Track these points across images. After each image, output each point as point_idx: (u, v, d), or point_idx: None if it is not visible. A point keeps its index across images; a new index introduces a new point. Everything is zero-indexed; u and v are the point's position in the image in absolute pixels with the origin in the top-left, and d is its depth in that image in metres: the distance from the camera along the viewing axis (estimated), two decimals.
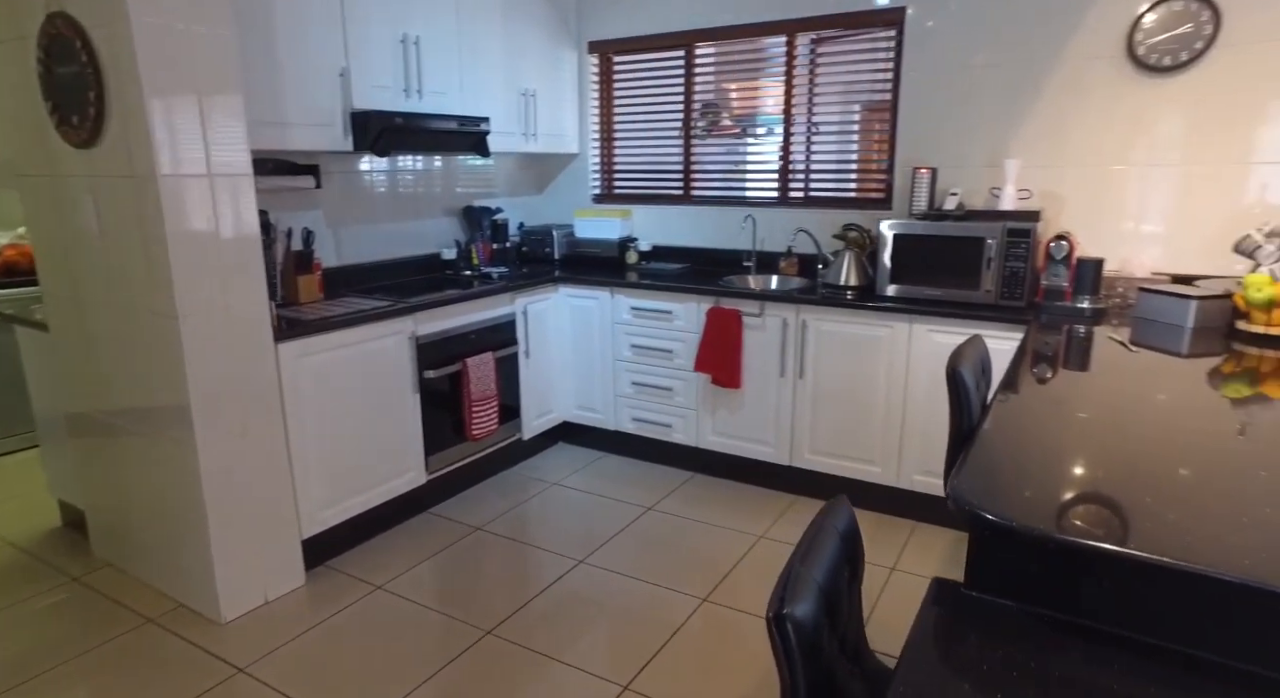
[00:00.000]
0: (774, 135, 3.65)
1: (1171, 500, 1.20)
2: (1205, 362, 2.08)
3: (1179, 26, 2.72)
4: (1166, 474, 1.31)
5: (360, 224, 3.35)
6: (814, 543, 1.08)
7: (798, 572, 0.99)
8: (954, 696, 0.93)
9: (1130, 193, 2.89)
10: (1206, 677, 0.98)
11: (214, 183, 2.22)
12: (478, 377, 3.17)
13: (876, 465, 3.06)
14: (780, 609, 0.92)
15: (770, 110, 3.66)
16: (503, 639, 2.30)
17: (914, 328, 2.87)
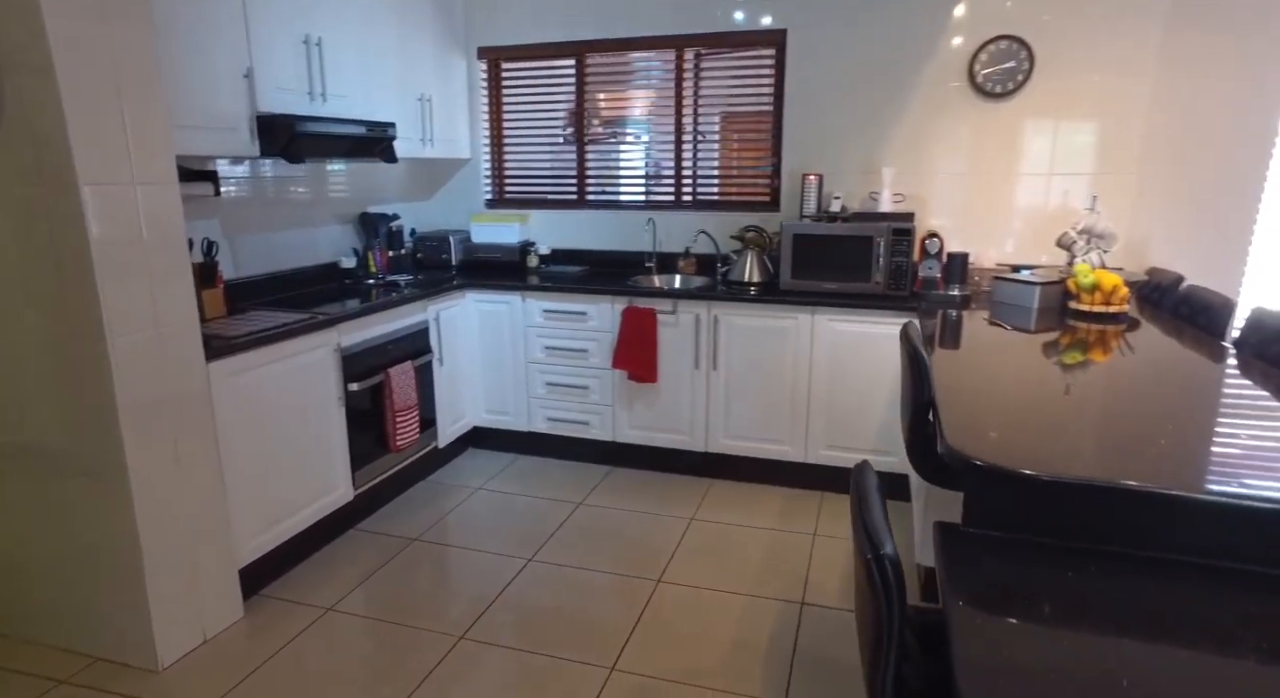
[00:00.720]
0: (663, 142, 3.88)
1: (1094, 437, 1.54)
2: (1050, 335, 2.55)
3: (1006, 62, 3.26)
4: (1076, 417, 1.66)
5: (257, 233, 3.16)
6: (865, 497, 1.29)
7: (872, 520, 1.19)
8: (998, 599, 1.17)
9: (978, 196, 3.42)
10: (1152, 568, 1.30)
11: (138, 191, 2.05)
12: (400, 386, 3.11)
13: (786, 445, 3.38)
14: (879, 551, 1.11)
15: (656, 118, 3.87)
16: (478, 642, 2.33)
17: (815, 318, 3.21)
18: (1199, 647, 1.07)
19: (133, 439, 2.07)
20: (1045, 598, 1.19)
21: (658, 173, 3.94)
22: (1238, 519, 1.30)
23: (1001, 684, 0.98)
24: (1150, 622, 1.13)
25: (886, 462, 3.25)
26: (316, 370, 2.74)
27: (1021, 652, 1.05)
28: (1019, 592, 1.22)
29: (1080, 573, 1.26)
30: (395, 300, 3.14)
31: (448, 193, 4.26)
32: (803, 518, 3.15)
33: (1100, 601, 1.19)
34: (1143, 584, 1.23)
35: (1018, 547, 1.37)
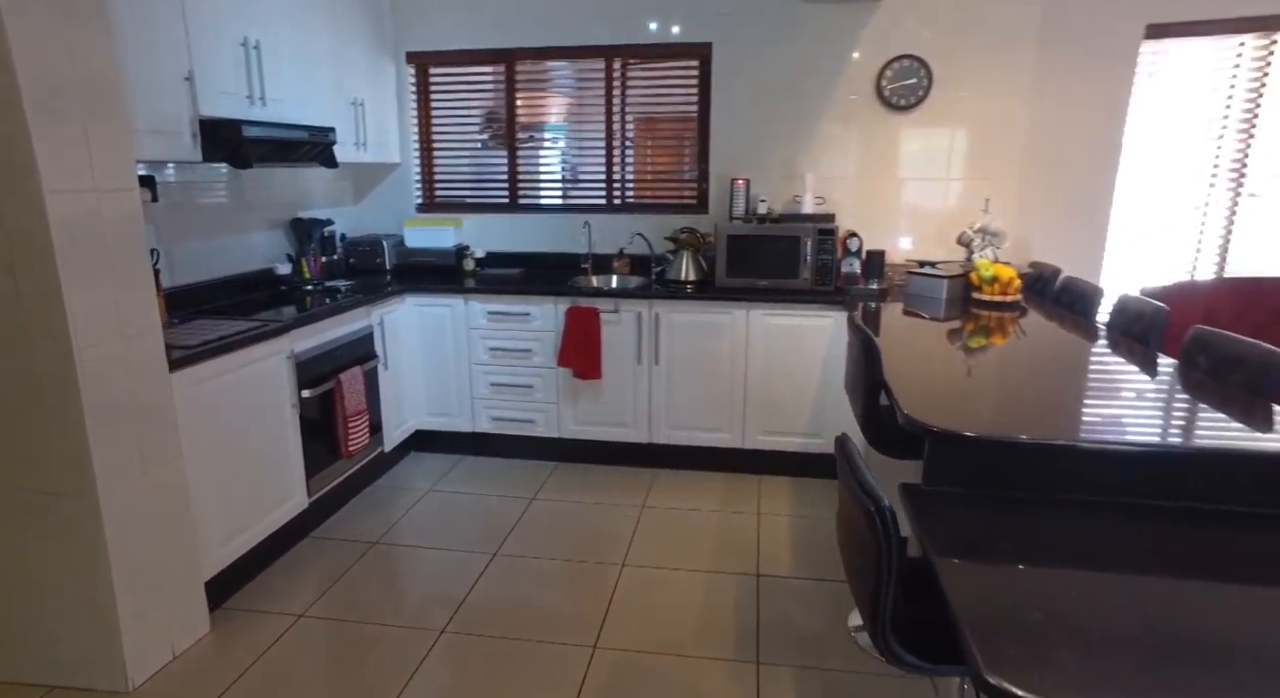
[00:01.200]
0: (593, 147, 4.02)
1: (1019, 403, 1.83)
2: (961, 322, 2.90)
3: (908, 78, 3.62)
4: (1000, 389, 1.95)
5: (190, 241, 3.06)
6: (853, 461, 1.49)
7: (866, 479, 1.40)
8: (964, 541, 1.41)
9: (887, 199, 3.78)
10: (1082, 508, 1.58)
11: (101, 197, 2.00)
12: (350, 392, 3.10)
13: (725, 432, 3.60)
14: (880, 503, 1.31)
15: (587, 124, 4.01)
16: (461, 634, 2.40)
17: (750, 313, 3.45)
18: (1127, 568, 1.34)
19: (101, 454, 2.01)
20: (1003, 538, 1.44)
21: (584, 178, 4.08)
22: (1136, 462, 1.61)
23: (982, 606, 1.21)
24: (1087, 551, 1.40)
25: (816, 444, 3.54)
26: (270, 378, 2.72)
27: (992, 579, 1.29)
28: (980, 534, 1.46)
29: (1026, 516, 1.52)
30: (344, 305, 3.13)
31: (376, 198, 4.23)
32: (745, 500, 3.38)
33: (1046, 536, 1.45)
34: (1075, 522, 1.50)
35: (972, 499, 1.62)
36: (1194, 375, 2.13)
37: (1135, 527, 1.48)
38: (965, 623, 1.16)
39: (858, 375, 2.16)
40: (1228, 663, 1.07)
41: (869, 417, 2.10)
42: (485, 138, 4.15)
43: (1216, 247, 3.84)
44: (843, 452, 1.56)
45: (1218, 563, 1.35)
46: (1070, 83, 3.60)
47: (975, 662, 1.08)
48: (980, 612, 1.19)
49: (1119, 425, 1.72)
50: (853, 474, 1.45)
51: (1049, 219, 3.78)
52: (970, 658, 1.10)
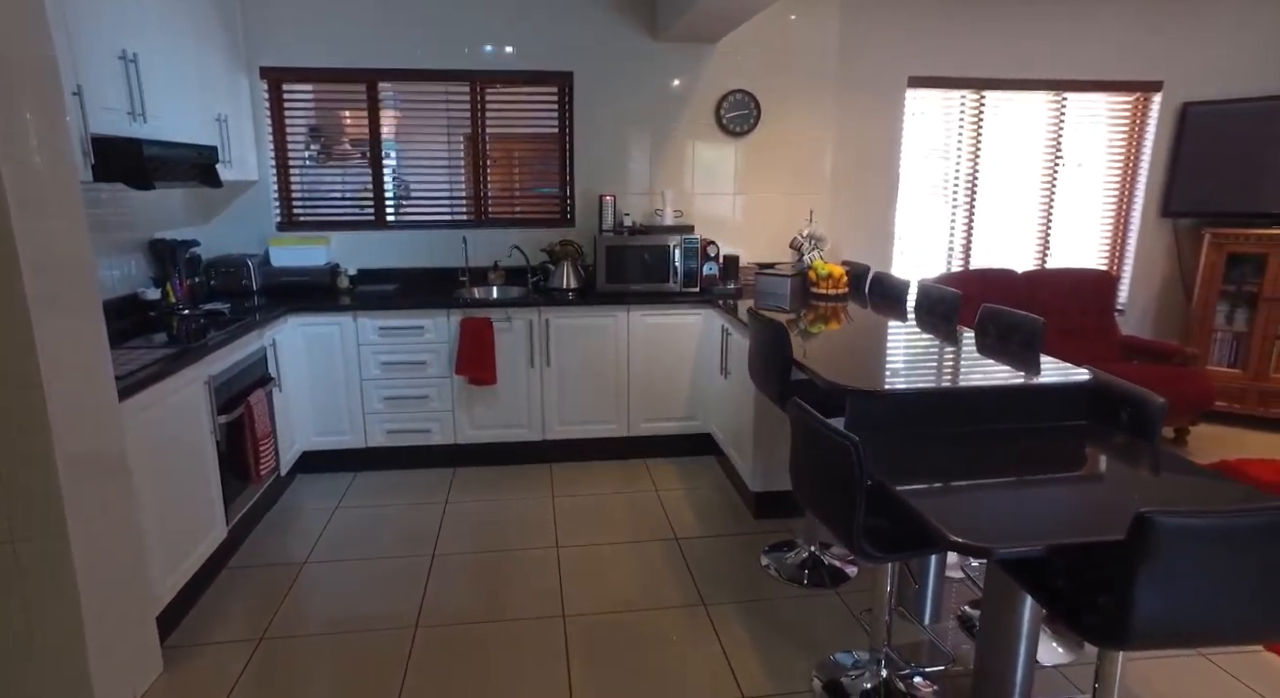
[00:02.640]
0: (456, 165, 4.20)
1: (895, 366, 2.45)
2: (810, 312, 3.58)
3: (741, 109, 4.28)
4: (873, 358, 2.57)
5: None
6: (815, 417, 1.98)
7: (831, 425, 1.89)
8: (895, 463, 1.96)
9: (730, 211, 4.41)
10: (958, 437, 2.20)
11: (53, 222, 1.92)
12: (259, 414, 3.05)
13: (613, 423, 3.99)
14: (854, 440, 1.80)
15: (450, 143, 4.19)
16: (437, 626, 2.56)
17: (630, 315, 3.88)
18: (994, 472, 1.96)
19: (72, 495, 1.93)
20: (915, 461, 2.02)
21: (453, 194, 4.25)
22: (976, 400, 2.28)
23: (930, 505, 1.75)
24: (963, 464, 2.01)
25: (692, 426, 4.06)
26: (191, 405, 2.64)
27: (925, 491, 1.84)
28: (902, 461, 2.02)
29: (919, 446, 2.12)
30: (245, 326, 3.06)
31: (231, 217, 4.04)
32: (640, 481, 3.80)
33: (940, 457, 2.04)
34: (946, 445, 2.12)
35: (882, 439, 2.19)
36: (987, 340, 2.93)
37: (981, 445, 2.13)
38: (929, 515, 1.69)
39: (768, 358, 2.68)
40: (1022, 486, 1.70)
41: (783, 389, 2.63)
42: (314, 152, 4.13)
43: (961, 246, 4.97)
44: (802, 411, 2.04)
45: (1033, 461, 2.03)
46: (860, 117, 4.49)
47: (940, 532, 1.61)
48: (932, 507, 1.73)
49: (959, 376, 2.40)
50: (820, 425, 1.93)
51: (851, 226, 4.65)
52: (938, 532, 1.63)
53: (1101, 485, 1.85)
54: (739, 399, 3.44)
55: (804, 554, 2.98)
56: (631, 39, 4.13)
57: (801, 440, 2.08)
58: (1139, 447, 2.07)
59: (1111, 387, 2.25)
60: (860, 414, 2.24)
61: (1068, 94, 4.65)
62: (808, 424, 2.01)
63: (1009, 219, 4.90)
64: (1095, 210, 4.91)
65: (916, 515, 1.69)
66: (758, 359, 2.81)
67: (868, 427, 2.23)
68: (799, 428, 2.08)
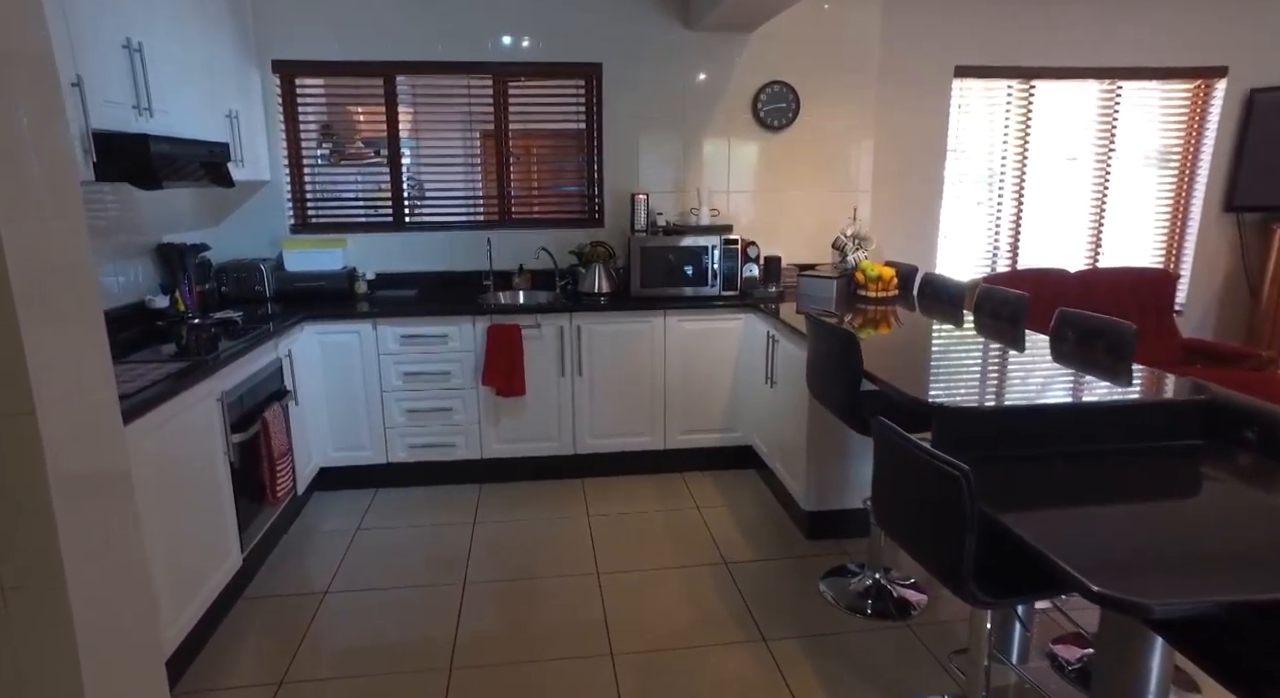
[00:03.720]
0: (478, 163, 3.98)
1: (979, 378, 2.21)
2: (861, 316, 3.33)
3: (779, 102, 4.04)
4: (950, 368, 2.33)
5: None
6: (909, 440, 1.74)
7: (936, 452, 1.65)
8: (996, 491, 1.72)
9: (767, 209, 4.16)
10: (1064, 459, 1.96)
11: (50, 226, 1.69)
12: (276, 431, 2.82)
13: (647, 435, 3.76)
14: (965, 470, 1.56)
15: (472, 140, 3.97)
16: (474, 668, 2.33)
17: (667, 320, 3.64)
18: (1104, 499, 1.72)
19: (68, 532, 1.70)
20: (1024, 488, 1.77)
21: (475, 194, 4.02)
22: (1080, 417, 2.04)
23: (1054, 542, 1.51)
24: (1072, 489, 1.76)
25: (732, 437, 3.82)
26: (202, 425, 2.41)
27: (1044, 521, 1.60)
28: (1009, 488, 1.78)
29: (1023, 469, 1.87)
30: (259, 337, 2.84)
31: (241, 219, 3.82)
32: (679, 497, 3.56)
33: (1047, 482, 1.80)
34: (1053, 469, 1.88)
35: (978, 461, 1.95)
36: (1065, 347, 2.68)
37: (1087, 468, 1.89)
38: (1061, 559, 1.44)
39: (834, 369, 2.44)
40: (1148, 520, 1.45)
41: (852, 403, 2.38)
42: (328, 150, 3.91)
43: (1008, 245, 4.72)
44: (893, 433, 1.80)
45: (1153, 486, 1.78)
46: (904, 110, 4.24)
47: (1079, 580, 1.36)
48: (1057, 546, 1.48)
49: (1051, 390, 2.15)
50: (920, 451, 1.69)
51: (894, 224, 4.40)
52: (1074, 579, 1.38)
53: (1260, 521, 1.60)
54: (788, 411, 3.20)
55: (867, 582, 2.74)
56: (663, 28, 3.89)
57: (890, 466, 1.84)
58: (1275, 470, 1.82)
59: (1232, 402, 2.00)
60: (949, 433, 2.00)
61: (1122, 82, 4.39)
62: (901, 449, 1.77)
63: (1058, 216, 4.64)
64: (1150, 206, 4.65)
65: (1038, 556, 1.45)
66: (820, 370, 2.57)
67: (956, 447, 1.98)
68: (887, 452, 1.84)
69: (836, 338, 2.40)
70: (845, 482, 3.07)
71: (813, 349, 2.64)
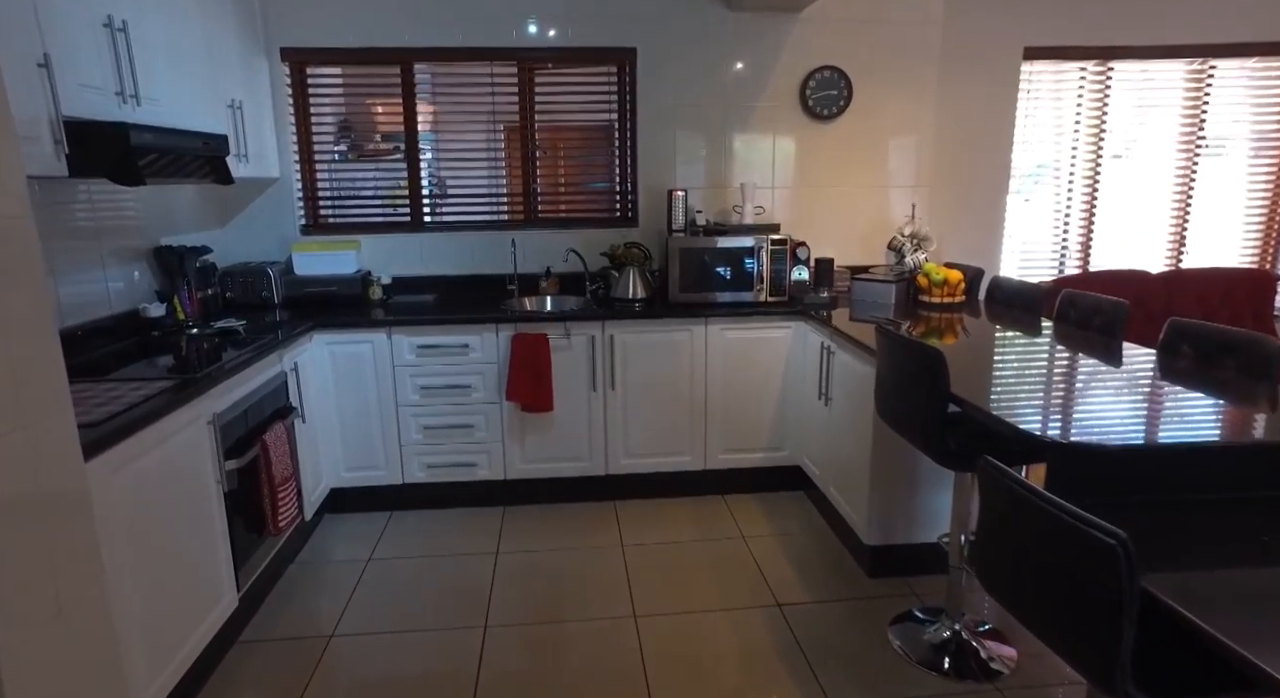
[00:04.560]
0: (501, 159, 3.68)
1: (1090, 406, 1.85)
2: (912, 325, 2.97)
3: (830, 89, 3.68)
4: (1054, 392, 1.97)
5: None
6: (1032, 489, 1.39)
7: (1077, 511, 1.30)
8: None
9: (816, 207, 3.81)
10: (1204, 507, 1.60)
11: None
12: (277, 455, 2.54)
13: (686, 455, 3.43)
14: (1123, 538, 1.21)
15: (495, 134, 3.67)
16: None
17: (708, 329, 3.30)
18: None
19: (4, 590, 1.42)
20: (1175, 543, 1.41)
21: (498, 193, 3.72)
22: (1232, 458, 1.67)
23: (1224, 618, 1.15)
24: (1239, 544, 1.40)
25: (779, 457, 3.47)
26: (191, 451, 2.13)
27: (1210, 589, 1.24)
28: (1157, 543, 1.42)
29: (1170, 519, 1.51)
30: (261, 349, 2.55)
31: (248, 219, 3.56)
32: (721, 524, 3.23)
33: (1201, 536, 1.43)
34: (1222, 524, 1.51)
35: (1110, 508, 1.59)
36: (1180, 363, 2.30)
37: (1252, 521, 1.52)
38: (1235, 642, 1.09)
39: (910, 391, 2.08)
40: None
41: (932, 430, 2.03)
42: (344, 147, 3.64)
43: (1078, 244, 4.31)
44: (1011, 480, 1.45)
45: None
46: (968, 96, 3.86)
47: None
48: (1229, 625, 1.13)
49: (1201, 421, 1.78)
50: (1055, 506, 1.34)
51: (954, 222, 4.02)
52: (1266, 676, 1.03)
53: None
54: (846, 432, 2.85)
55: (944, 633, 2.38)
56: (703, 9, 3.56)
57: (1003, 520, 1.49)
58: None
59: None
60: (1069, 476, 1.64)
61: (1215, 61, 3.97)
62: (1023, 502, 1.42)
63: (1135, 212, 4.22)
64: (1241, 199, 4.22)
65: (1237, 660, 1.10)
66: (893, 392, 2.22)
67: (1074, 491, 1.63)
68: (1000, 502, 1.49)
69: (917, 356, 2.05)
70: (914, 513, 2.71)
71: (884, 367, 2.29)
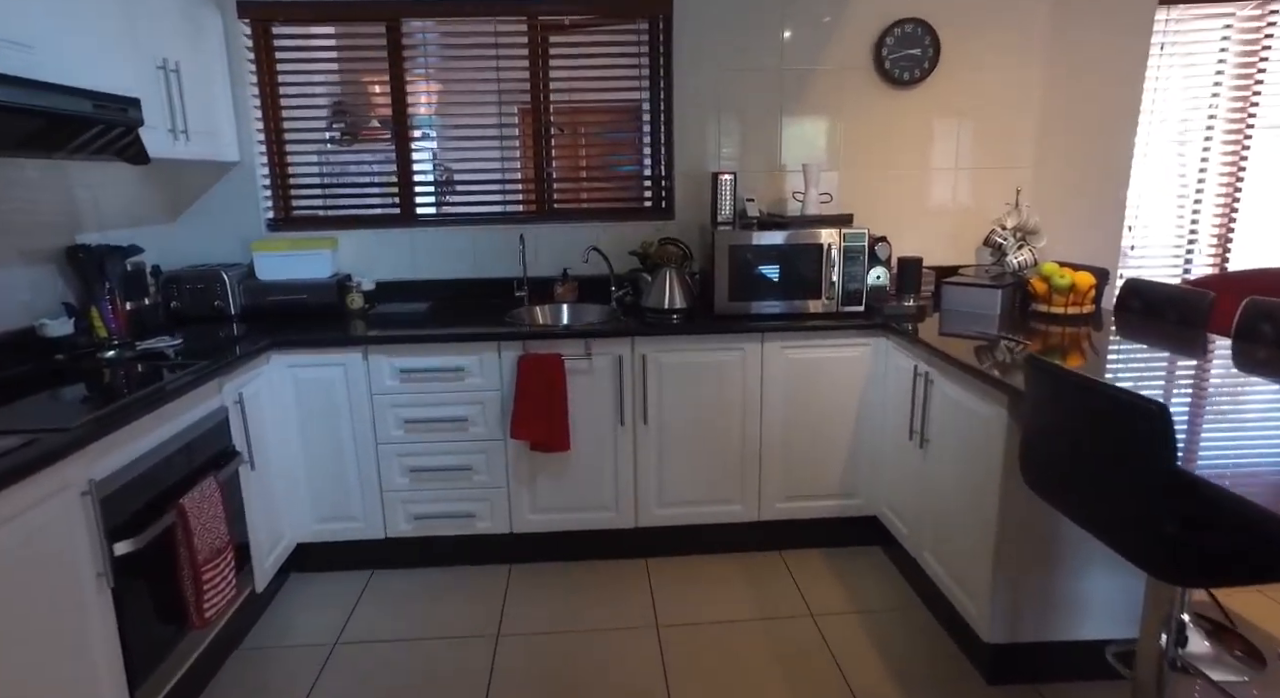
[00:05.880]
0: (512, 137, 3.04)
1: None
2: (1024, 341, 2.26)
3: (912, 47, 2.97)
4: None
5: None
6: None
7: None
8: None
9: (891, 194, 3.11)
10: None
11: None
12: (202, 523, 1.91)
13: (736, 504, 2.75)
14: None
15: (503, 107, 3.02)
16: None
17: (765, 347, 2.62)
18: None
19: None
20: None
21: (506, 178, 3.08)
22: None
23: None
24: None
25: (853, 506, 2.78)
26: (54, 536, 1.51)
27: None
28: None
29: None
30: (182, 382, 1.93)
31: (201, 213, 2.95)
32: (783, 593, 2.55)
33: None
34: None
35: None
36: None
37: None
38: None
39: (1103, 465, 1.38)
40: None
41: (1151, 538, 1.33)
42: (336, 132, 3.03)
43: (1214, 237, 3.56)
44: None
45: None
46: (1084, 55, 3.12)
47: None
48: None
49: None
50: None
51: (1062, 212, 3.29)
52: None
53: None
54: (957, 491, 2.16)
55: None
56: None
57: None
58: None
59: None
60: None
61: None
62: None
63: None
64: None
65: None
66: (1068, 462, 1.51)
67: None
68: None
69: (1116, 410, 1.34)
70: (1051, 602, 2.01)
71: (1044, 418, 1.58)
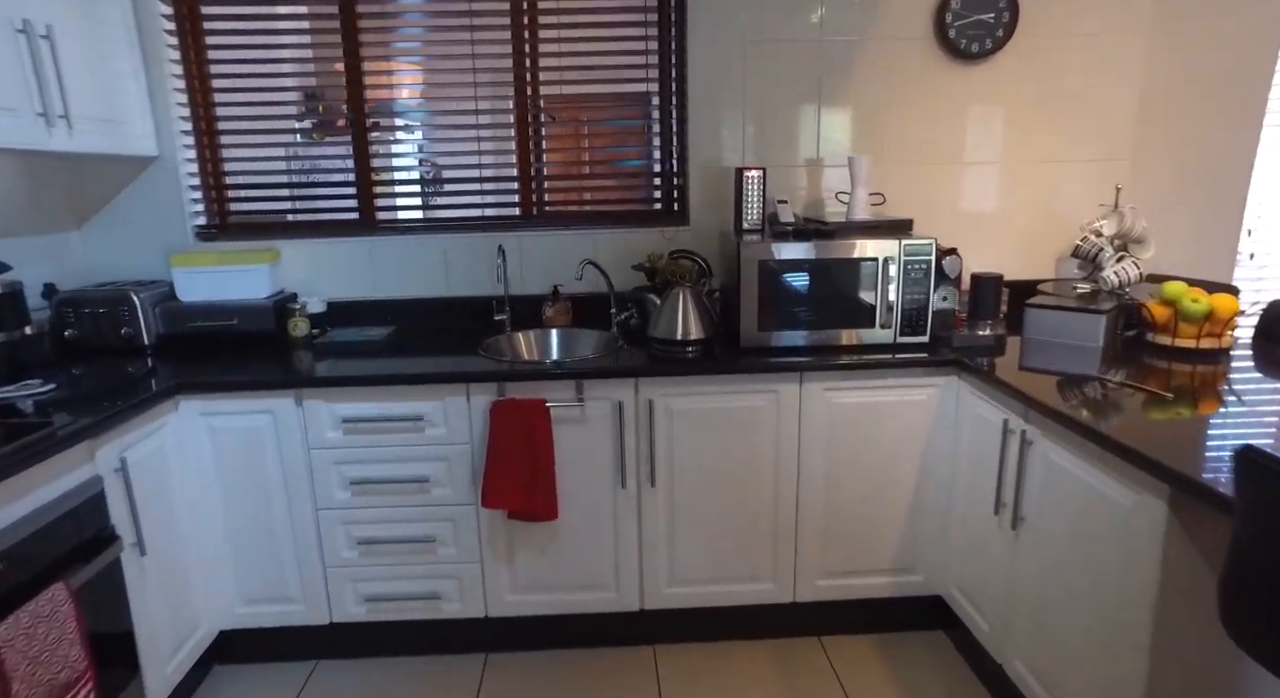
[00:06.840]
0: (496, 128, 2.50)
1: None
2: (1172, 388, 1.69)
3: (981, 11, 2.41)
4: None
5: None
6: None
7: None
8: None
9: (953, 193, 2.55)
10: None
11: None
12: (31, 659, 1.39)
13: (766, 581, 2.20)
14: None
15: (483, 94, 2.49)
16: None
17: (803, 388, 2.07)
18: None
19: None
20: None
21: (489, 177, 2.55)
22: None
23: None
24: None
25: (912, 584, 2.23)
26: None
27: None
28: None
29: None
30: (28, 454, 1.41)
31: (115, 218, 2.44)
32: (820, 689, 2.00)
33: None
34: None
35: None
36: None
37: None
38: None
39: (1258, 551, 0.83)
40: None
41: None
42: (307, 127, 2.52)
43: None
44: None
45: None
46: (1196, 21, 2.53)
47: None
48: None
49: None
50: None
51: (1168, 211, 2.70)
52: None
53: None
54: (1076, 596, 1.60)
55: None
56: None
57: None
58: None
59: None
60: None
61: None
62: None
63: None
64: None
65: None
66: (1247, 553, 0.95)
67: None
68: None
69: None
70: None
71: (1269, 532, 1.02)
